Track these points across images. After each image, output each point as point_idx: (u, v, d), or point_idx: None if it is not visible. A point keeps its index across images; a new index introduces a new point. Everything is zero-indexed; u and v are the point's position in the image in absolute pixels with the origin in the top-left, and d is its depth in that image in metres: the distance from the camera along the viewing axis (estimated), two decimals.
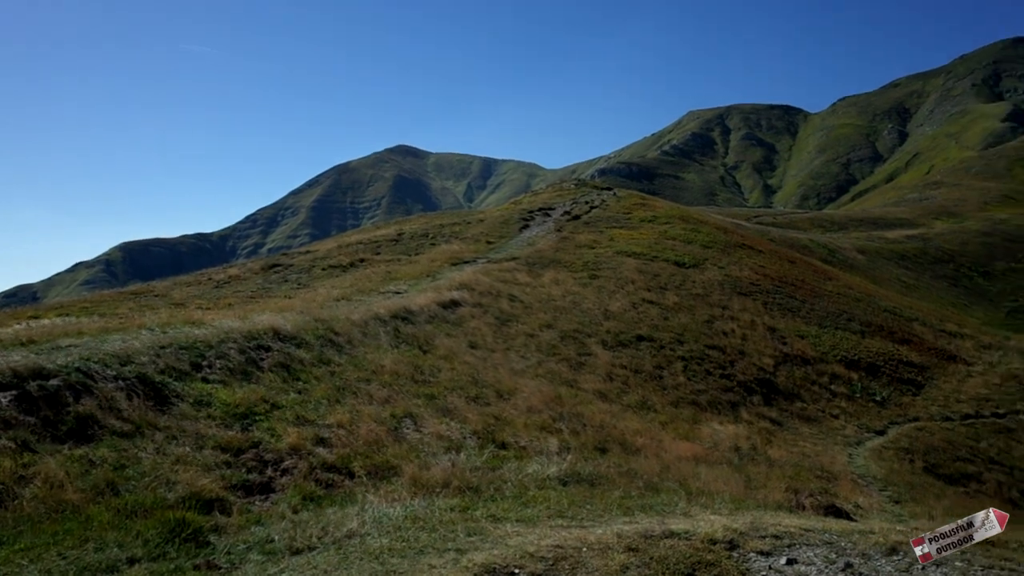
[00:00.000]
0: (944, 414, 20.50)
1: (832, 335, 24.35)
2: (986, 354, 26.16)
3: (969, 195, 76.38)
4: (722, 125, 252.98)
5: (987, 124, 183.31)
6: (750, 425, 16.48)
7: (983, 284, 49.68)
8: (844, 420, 19.08)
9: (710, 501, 8.17)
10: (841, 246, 50.55)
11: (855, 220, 65.04)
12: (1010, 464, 18.26)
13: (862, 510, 10.58)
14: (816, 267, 36.73)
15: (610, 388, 16.23)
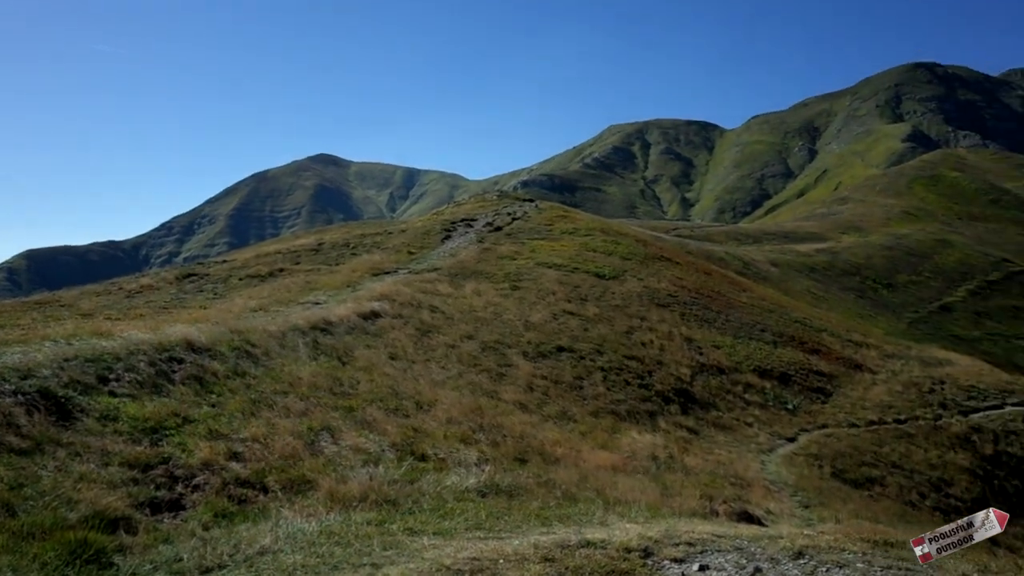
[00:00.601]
0: (850, 421, 21.28)
1: (746, 345, 25.03)
2: (889, 363, 27.29)
3: (874, 211, 79.74)
4: (642, 139, 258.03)
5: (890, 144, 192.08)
6: (667, 434, 16.79)
7: (887, 296, 51.89)
8: (757, 428, 19.60)
9: (627, 510, 8.29)
10: (755, 259, 52.08)
11: (768, 234, 67.11)
12: (910, 468, 19.09)
13: (773, 515, 10.89)
14: (731, 279, 37.74)
15: (530, 399, 16.32)
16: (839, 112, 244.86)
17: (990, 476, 20.22)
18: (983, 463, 20.61)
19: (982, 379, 26.21)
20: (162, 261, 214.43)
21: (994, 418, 23.05)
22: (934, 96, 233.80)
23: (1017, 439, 22.16)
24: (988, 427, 22.34)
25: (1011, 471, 20.80)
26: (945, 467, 19.85)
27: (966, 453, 20.72)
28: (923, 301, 52.20)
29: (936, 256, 61.25)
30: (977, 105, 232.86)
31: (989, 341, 47.18)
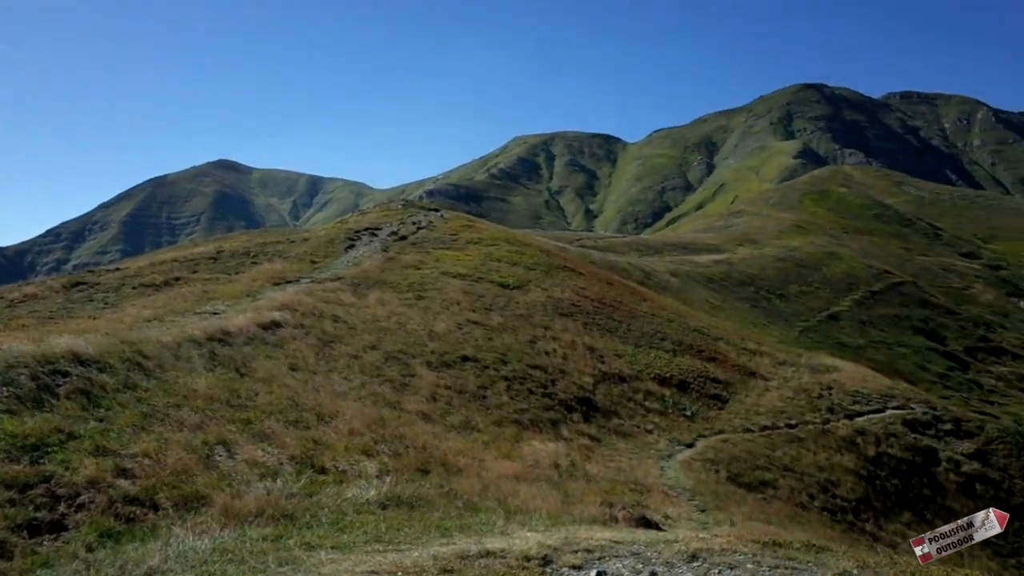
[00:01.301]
0: (745, 426, 22.01)
1: (647, 354, 25.59)
2: (781, 370, 28.40)
3: (767, 224, 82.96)
4: (547, 151, 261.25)
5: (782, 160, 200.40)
6: (570, 442, 16.99)
7: (779, 305, 54.02)
8: (657, 434, 20.05)
9: (528, 518, 8.34)
10: (656, 269, 53.37)
11: (669, 245, 68.91)
12: (800, 470, 19.89)
13: (671, 520, 11.16)
14: (633, 289, 38.55)
15: (434, 409, 16.25)
16: (736, 128, 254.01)
17: (873, 476, 21.26)
18: (867, 464, 21.66)
19: (866, 384, 27.55)
20: (49, 269, 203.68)
21: (876, 421, 24.27)
22: (823, 115, 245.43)
23: (897, 441, 23.39)
24: (871, 430, 23.50)
25: (891, 471, 21.93)
26: (832, 469, 20.76)
27: (851, 455, 21.73)
28: (812, 310, 54.55)
29: (824, 268, 64.14)
30: (861, 125, 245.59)
31: (873, 348, 49.66)
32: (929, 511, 21.44)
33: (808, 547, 6.22)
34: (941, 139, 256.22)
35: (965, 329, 58.55)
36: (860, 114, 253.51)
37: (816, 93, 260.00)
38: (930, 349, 52.36)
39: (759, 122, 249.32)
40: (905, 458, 22.83)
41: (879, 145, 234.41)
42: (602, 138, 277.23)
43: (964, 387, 47.72)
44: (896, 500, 21.13)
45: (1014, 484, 23.41)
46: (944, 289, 69.27)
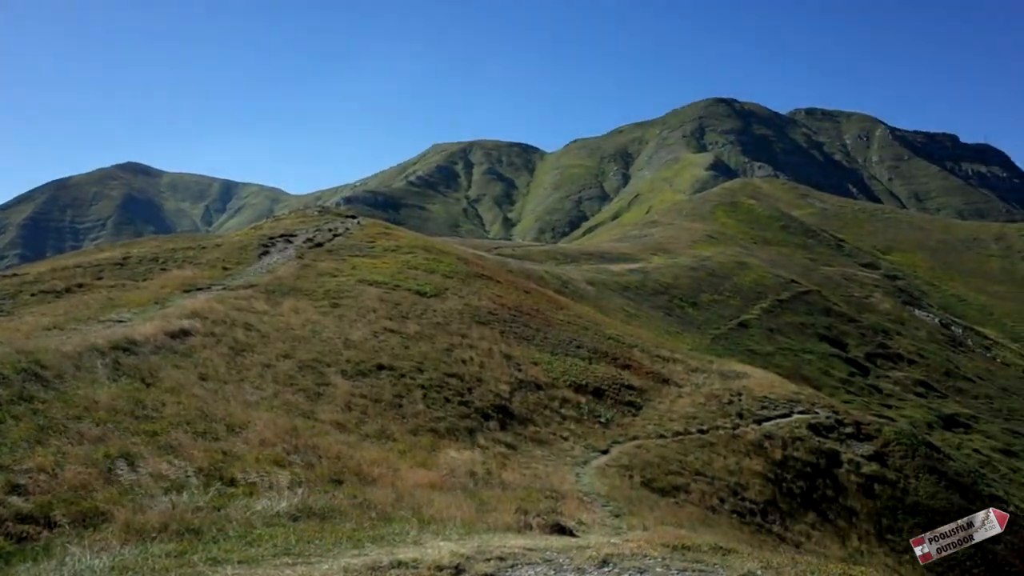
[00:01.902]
0: (659, 432, 22.42)
1: (563, 361, 25.83)
2: (694, 376, 29.06)
3: (681, 234, 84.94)
4: (465, 159, 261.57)
5: (695, 172, 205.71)
6: (486, 450, 17.00)
7: (692, 313, 55.31)
8: (573, 441, 20.23)
9: (442, 528, 8.30)
10: (573, 277, 53.95)
11: (585, 254, 69.79)
12: (711, 475, 20.38)
13: (585, 526, 11.28)
14: (550, 297, 38.88)
15: (349, 418, 16.03)
16: (650, 140, 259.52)
17: (779, 479, 21.95)
18: (774, 467, 22.34)
19: (774, 390, 28.45)
20: None
21: (783, 426, 25.08)
22: (733, 129, 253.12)
23: (802, 444, 24.21)
24: (778, 434, 24.26)
25: (797, 474, 22.68)
26: (741, 472, 21.33)
27: (759, 459, 22.38)
28: (724, 318, 56.05)
29: (735, 277, 66.02)
30: (769, 139, 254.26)
31: (780, 355, 51.32)
32: (832, 511, 22.25)
33: (716, 549, 6.38)
34: (843, 154, 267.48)
35: (865, 336, 61.11)
36: (768, 129, 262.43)
37: (727, 107, 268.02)
38: (833, 355, 54.43)
39: (673, 134, 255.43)
40: (810, 461, 23.64)
41: (786, 159, 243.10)
42: (520, 147, 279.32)
43: (865, 391, 49.77)
44: (801, 501, 21.85)
45: (909, 483, 24.53)
46: (846, 298, 72.20)
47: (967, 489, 25.78)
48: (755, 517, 19.66)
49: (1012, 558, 23.12)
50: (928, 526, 23.02)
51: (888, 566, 20.27)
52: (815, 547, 19.51)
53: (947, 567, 21.80)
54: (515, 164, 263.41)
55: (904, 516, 23.27)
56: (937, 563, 21.87)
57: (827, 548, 19.82)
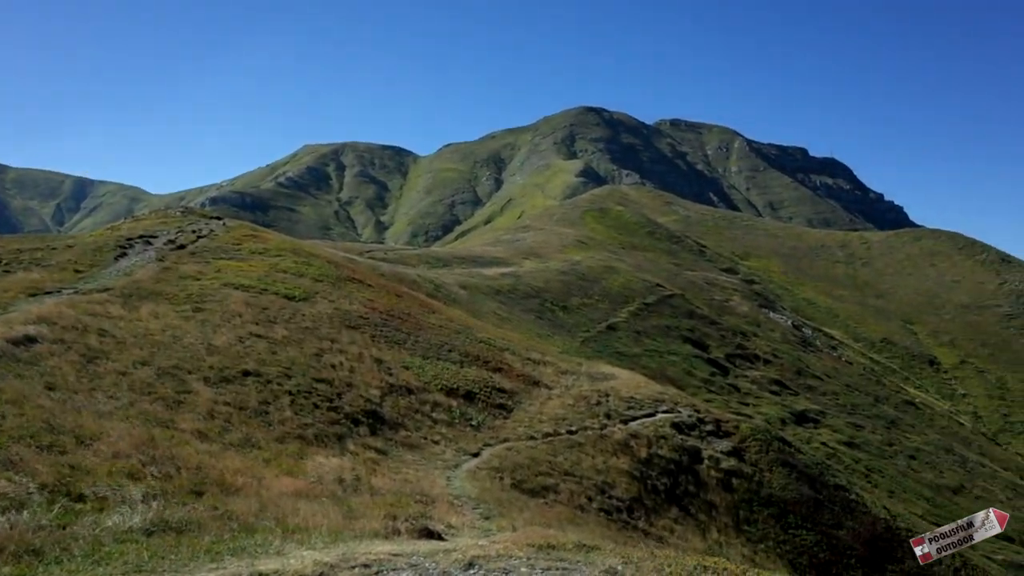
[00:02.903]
0: (529, 434, 22.72)
1: (435, 365, 25.78)
2: (563, 378, 29.64)
3: (552, 239, 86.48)
4: (337, 161, 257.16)
5: (566, 178, 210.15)
6: (356, 456, 16.75)
7: (562, 317, 56.40)
8: (444, 445, 20.22)
9: (307, 536, 8.11)
10: (445, 282, 53.94)
11: (458, 258, 69.93)
12: (580, 474, 20.83)
13: (455, 529, 11.29)
14: (422, 301, 38.72)
15: (211, 427, 15.43)
16: (522, 146, 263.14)
17: (645, 477, 22.68)
18: (639, 465, 23.07)
19: (640, 391, 29.38)
20: None
21: (648, 425, 25.94)
22: (602, 137, 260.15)
23: (666, 442, 25.11)
24: (643, 433, 25.08)
25: (661, 471, 23.51)
26: (609, 471, 21.91)
27: (626, 457, 23.06)
28: (593, 321, 57.44)
29: (604, 281, 67.80)
30: (636, 148, 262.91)
31: (647, 356, 53.08)
32: (693, 505, 23.19)
33: (580, 547, 6.53)
34: (705, 164, 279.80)
35: (725, 338, 64.06)
36: (635, 138, 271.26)
37: (596, 116, 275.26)
38: (696, 356, 56.77)
39: (544, 141, 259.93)
40: (673, 458, 24.55)
41: (652, 167, 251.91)
42: (393, 150, 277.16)
43: (725, 391, 52.17)
44: (665, 497, 22.66)
45: (763, 476, 25.88)
46: (708, 301, 75.48)
47: (815, 480, 27.43)
48: (622, 514, 20.23)
49: (855, 543, 24.77)
50: (780, 516, 24.40)
51: (744, 555, 21.29)
52: (678, 540, 20.27)
53: (797, 553, 23.15)
54: (388, 167, 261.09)
55: (759, 507, 24.51)
56: (788, 550, 23.20)
57: (689, 541, 20.63)
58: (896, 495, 43.02)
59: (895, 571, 24.72)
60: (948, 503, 46.51)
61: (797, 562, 22.86)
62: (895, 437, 57.16)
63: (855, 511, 27.05)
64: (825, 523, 25.11)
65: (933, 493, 47.33)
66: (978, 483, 54.73)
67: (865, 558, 24.35)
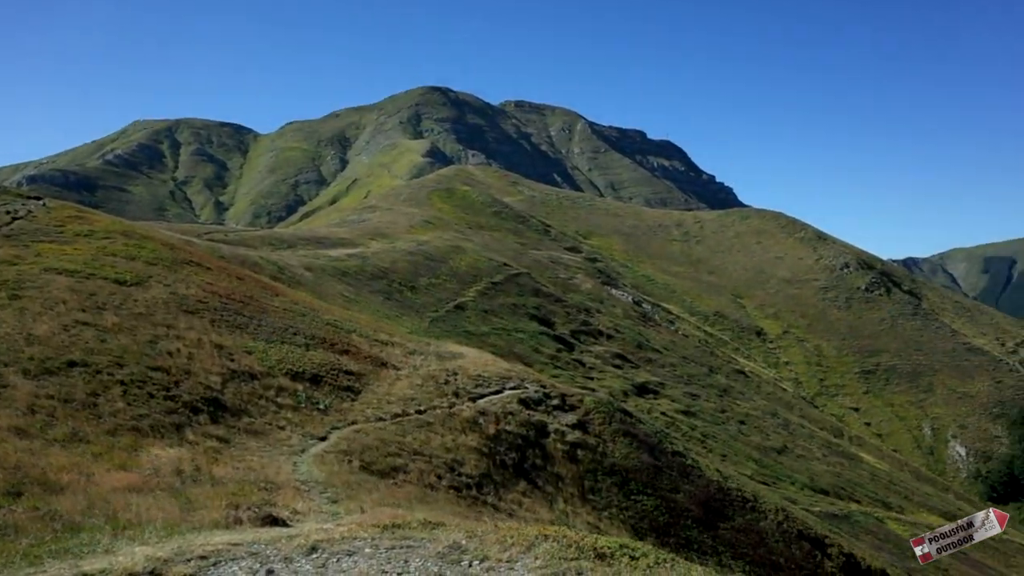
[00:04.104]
0: (378, 415, 22.57)
1: (279, 349, 25.08)
2: (412, 359, 29.58)
3: (399, 219, 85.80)
4: (172, 138, 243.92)
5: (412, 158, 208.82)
6: (195, 446, 16.09)
7: (411, 297, 56.19)
8: (290, 430, 19.76)
9: (140, 532, 7.74)
10: (290, 263, 52.43)
11: (303, 239, 68.11)
12: (429, 453, 20.94)
13: (300, 515, 11.09)
14: (265, 284, 37.47)
15: (32, 422, 14.36)
16: (368, 125, 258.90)
17: (493, 453, 23.09)
18: (488, 442, 23.44)
19: (487, 369, 29.78)
20: None
21: (496, 402, 26.38)
22: (448, 118, 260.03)
23: (513, 418, 25.64)
24: (491, 410, 25.48)
25: (509, 446, 24.00)
26: (458, 449, 22.14)
27: (475, 435, 23.37)
28: (441, 301, 57.58)
29: (451, 261, 68.03)
30: (482, 129, 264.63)
31: (495, 335, 53.81)
32: (541, 478, 23.84)
33: (425, 525, 6.59)
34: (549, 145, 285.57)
35: (570, 315, 65.94)
36: (481, 118, 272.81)
37: (442, 96, 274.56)
38: (542, 333, 58.11)
39: (390, 120, 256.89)
40: (520, 433, 25.10)
41: (498, 148, 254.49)
42: (233, 128, 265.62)
43: (570, 366, 53.75)
44: (514, 471, 23.17)
45: (607, 447, 26.94)
46: (553, 279, 77.35)
47: (654, 448, 28.83)
48: (471, 491, 20.51)
49: (691, 505, 26.29)
50: (623, 484, 25.51)
51: (589, 523, 22.14)
52: (526, 513, 20.80)
53: (638, 518, 24.31)
54: (227, 145, 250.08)
55: (603, 477, 25.52)
56: (631, 516, 24.31)
57: (537, 513, 21.21)
58: (728, 458, 45.91)
59: (727, 528, 26.44)
60: (773, 463, 50.16)
61: (639, 526, 23.99)
62: (727, 404, 60.93)
63: (691, 475, 28.66)
64: (664, 488, 26.46)
65: (760, 454, 50.86)
66: (799, 443, 59.35)
67: (700, 518, 25.90)
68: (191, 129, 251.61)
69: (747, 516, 27.78)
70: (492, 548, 6.10)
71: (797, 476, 48.68)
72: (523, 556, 6.15)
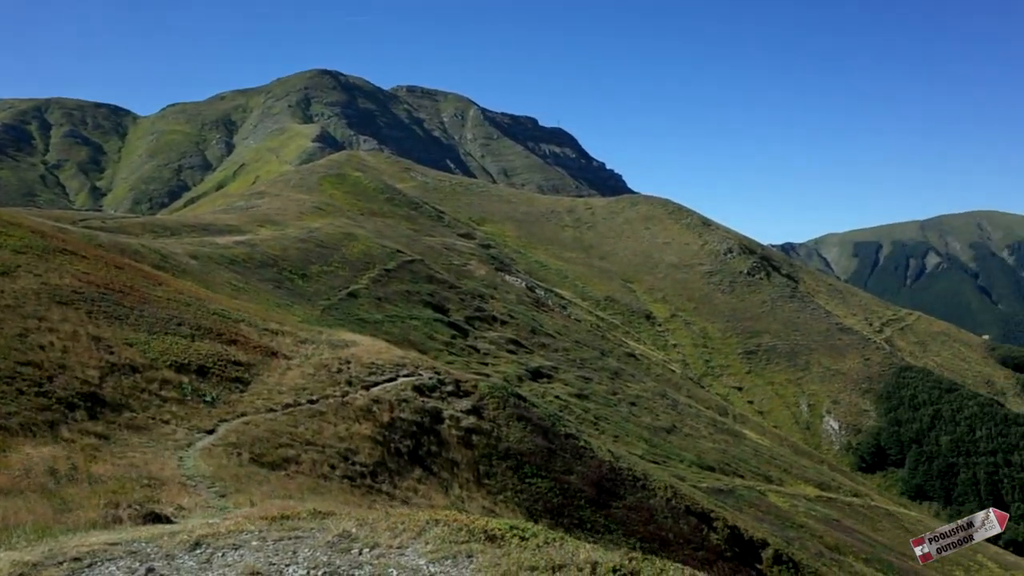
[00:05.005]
0: (268, 406, 22.07)
1: (162, 340, 24.15)
2: (303, 348, 29.01)
3: (289, 205, 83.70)
4: (41, 119, 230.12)
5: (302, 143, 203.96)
6: (72, 444, 15.33)
7: (302, 285, 54.99)
8: (176, 424, 19.10)
9: (7, 536, 7.32)
10: (174, 251, 50.41)
11: (188, 226, 65.57)
12: (322, 443, 20.64)
13: (186, 511, 10.75)
14: (147, 273, 35.93)
15: None
16: (255, 108, 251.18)
17: (388, 440, 22.96)
18: (382, 430, 23.29)
19: (381, 356, 29.53)
20: None
21: (390, 389, 26.21)
22: (339, 102, 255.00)
23: (408, 405, 25.56)
24: (385, 398, 25.31)
25: (404, 434, 23.92)
26: (352, 438, 21.90)
27: (368, 423, 23.16)
28: (334, 289, 56.61)
29: (343, 248, 66.93)
30: (374, 113, 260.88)
31: (389, 322, 53.33)
32: (436, 464, 23.87)
33: (315, 515, 6.50)
34: (441, 131, 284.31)
35: (464, 301, 66.03)
36: (373, 103, 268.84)
37: (332, 80, 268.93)
38: (437, 320, 57.98)
39: (278, 104, 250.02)
40: (415, 420, 25.05)
41: (390, 133, 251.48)
42: (109, 108, 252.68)
43: (465, 352, 53.87)
44: (409, 459, 23.10)
45: (501, 432, 27.21)
46: (447, 266, 77.23)
47: (548, 431, 29.30)
48: (366, 479, 20.34)
49: (584, 485, 26.88)
50: (517, 467, 25.82)
51: (485, 507, 22.33)
52: (421, 500, 20.79)
53: (533, 500, 24.67)
54: (103, 127, 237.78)
55: (498, 461, 25.76)
56: (525, 498, 24.65)
57: (432, 499, 21.24)
58: (620, 439, 47.10)
59: (618, 507, 27.16)
60: (663, 442, 51.80)
61: (533, 508, 24.35)
62: (619, 386, 62.45)
63: (584, 456, 29.28)
64: (558, 470, 26.94)
65: (651, 434, 52.40)
66: (687, 422, 61.47)
67: (593, 498, 26.52)
68: (62, 110, 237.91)
69: (638, 494, 28.61)
70: (383, 535, 6.08)
71: (685, 454, 50.42)
72: (414, 541, 6.16)
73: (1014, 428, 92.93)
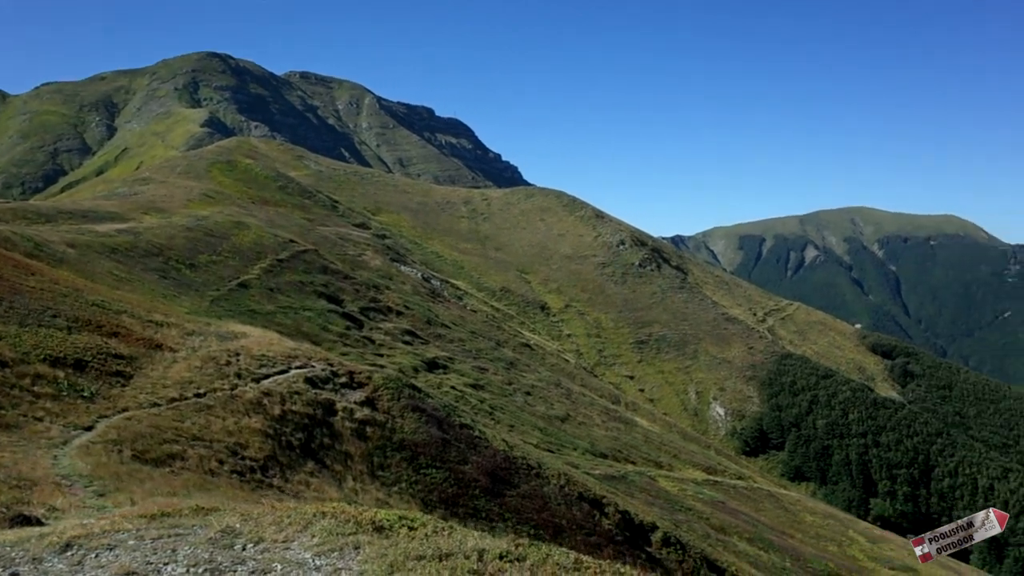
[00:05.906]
0: (152, 401, 21.28)
1: (35, 333, 22.92)
2: (190, 340, 28.04)
3: (175, 192, 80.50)
4: None
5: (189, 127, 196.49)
6: None
7: (190, 275, 53.03)
8: (50, 421, 18.20)
9: None
10: (49, 239, 47.74)
11: (65, 212, 62.18)
12: (210, 438, 20.06)
13: (59, 511, 10.26)
14: (18, 261, 33.93)
15: None
16: (138, 90, 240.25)
17: (279, 434, 22.50)
18: (273, 423, 22.81)
19: (272, 348, 28.87)
20: None
21: (281, 382, 25.67)
22: (228, 86, 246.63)
23: (300, 397, 25.09)
24: (276, 391, 24.78)
25: (295, 427, 23.49)
26: (241, 432, 21.37)
27: (258, 416, 22.64)
28: (223, 279, 54.84)
29: (234, 237, 64.90)
30: (266, 99, 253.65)
31: (281, 313, 52.07)
32: (329, 457, 23.55)
33: (197, 511, 6.33)
34: (336, 119, 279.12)
35: (359, 292, 65.18)
36: (264, 88, 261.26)
37: (222, 63, 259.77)
38: (331, 311, 57.01)
39: (164, 86, 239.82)
40: (307, 412, 24.62)
41: (283, 120, 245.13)
42: None
43: (360, 343, 53.21)
44: (301, 452, 22.71)
45: (396, 423, 27.06)
46: (341, 256, 76.02)
47: (443, 422, 29.32)
48: (256, 474, 19.89)
49: (478, 475, 27.04)
50: (412, 459, 25.75)
51: (379, 499, 22.20)
52: (314, 494, 20.48)
53: (428, 490, 24.67)
54: None
55: (393, 452, 25.63)
56: (420, 489, 24.61)
57: (325, 493, 20.95)
58: (515, 428, 47.58)
59: (513, 495, 27.47)
60: (557, 431, 52.63)
61: (428, 499, 24.35)
62: (514, 376, 63.02)
63: (478, 446, 29.45)
64: (452, 460, 27.01)
65: (545, 423, 53.16)
66: (581, 411, 62.65)
67: (487, 488, 26.73)
68: None
69: (532, 483, 29.01)
70: (268, 530, 5.98)
71: (579, 442, 51.40)
72: (300, 535, 6.08)
73: (882, 411, 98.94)
